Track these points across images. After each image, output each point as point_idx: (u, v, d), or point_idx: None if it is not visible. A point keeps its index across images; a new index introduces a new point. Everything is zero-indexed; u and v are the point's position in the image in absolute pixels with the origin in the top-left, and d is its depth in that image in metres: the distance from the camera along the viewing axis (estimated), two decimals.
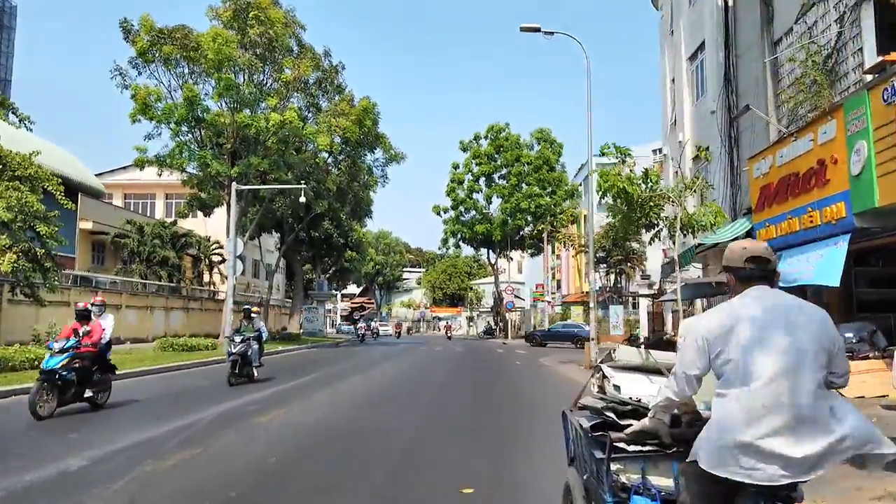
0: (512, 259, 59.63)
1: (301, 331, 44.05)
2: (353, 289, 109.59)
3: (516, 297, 57.91)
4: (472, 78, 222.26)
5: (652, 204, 11.05)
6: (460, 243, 54.04)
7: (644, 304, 25.86)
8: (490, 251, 54.44)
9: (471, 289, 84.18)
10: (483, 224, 50.64)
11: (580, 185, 54.03)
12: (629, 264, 46.82)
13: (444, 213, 53.61)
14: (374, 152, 36.02)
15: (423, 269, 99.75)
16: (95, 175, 53.51)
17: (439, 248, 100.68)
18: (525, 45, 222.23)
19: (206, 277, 45.73)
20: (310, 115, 31.30)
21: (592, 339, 18.43)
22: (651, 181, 11.25)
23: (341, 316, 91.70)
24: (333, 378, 15.15)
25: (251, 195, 31.43)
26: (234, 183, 25.02)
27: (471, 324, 79.00)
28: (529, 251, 54.60)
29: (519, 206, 48.82)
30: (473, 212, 52.44)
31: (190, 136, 28.23)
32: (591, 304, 19.64)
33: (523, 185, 50.07)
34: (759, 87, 16.03)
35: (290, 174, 29.36)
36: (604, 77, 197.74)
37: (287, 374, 15.88)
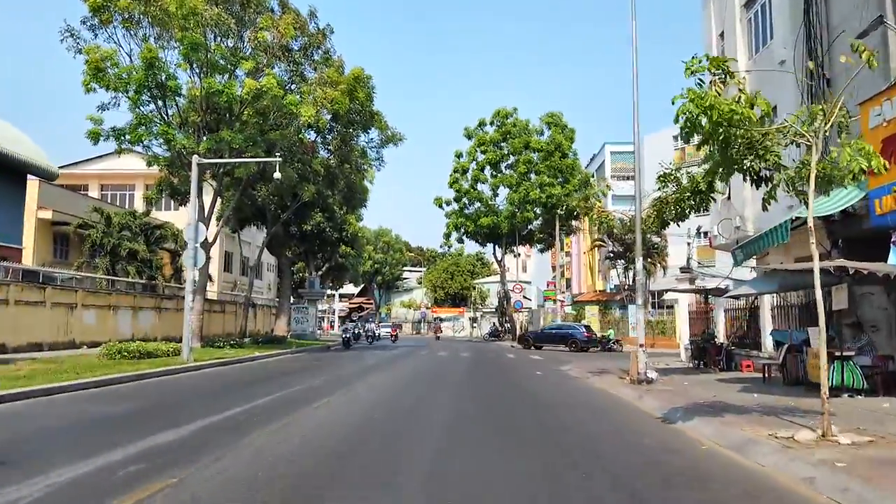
0: (520, 255, 55.62)
1: (289, 333, 40.05)
2: (350, 288, 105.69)
3: (524, 297, 53.90)
4: (479, 64, 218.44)
5: (769, 143, 7.12)
6: (464, 238, 49.98)
7: (685, 301, 21.82)
8: (496, 246, 50.39)
9: (474, 288, 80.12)
10: (489, 216, 46.56)
11: (593, 175, 49.98)
12: (650, 259, 42.77)
13: (447, 205, 49.63)
14: (368, 132, 32.01)
15: (425, 269, 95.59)
16: (69, 164, 49.81)
17: (441, 247, 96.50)
18: (535, 30, 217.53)
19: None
20: (294, 86, 27.23)
21: (641, 346, 14.38)
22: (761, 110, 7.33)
23: (339, 317, 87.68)
24: (262, 418, 9.24)
25: (225, 176, 27.43)
26: (195, 155, 20.98)
27: (474, 325, 74.98)
28: (539, 246, 50.52)
29: (528, 197, 44.75)
30: (478, 204, 48.37)
31: (152, 106, 24.21)
32: (639, 301, 15.49)
33: (532, 174, 46.00)
34: (868, 8, 11.99)
35: (275, 155, 25.49)
36: (613, 61, 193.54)
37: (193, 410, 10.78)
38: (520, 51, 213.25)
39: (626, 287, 43.72)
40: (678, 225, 16.78)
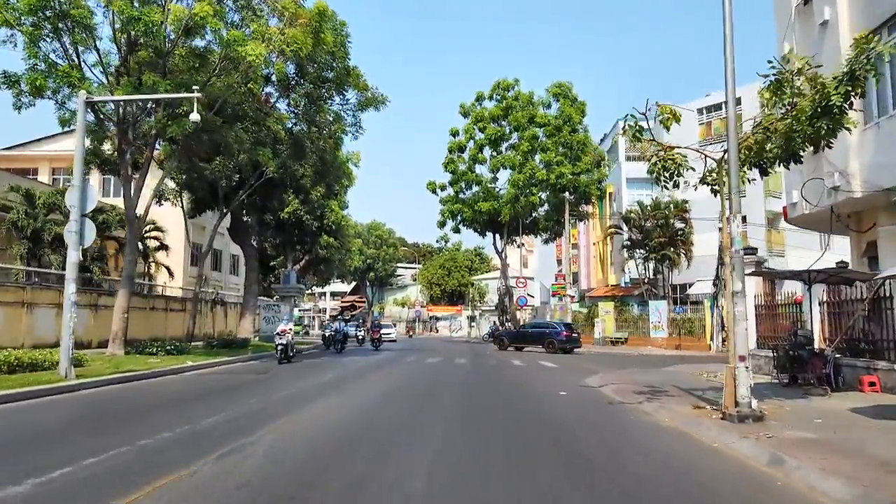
0: (522, 245, 50.12)
1: (256, 334, 34.56)
2: (341, 286, 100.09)
3: (527, 294, 48.32)
4: (480, 42, 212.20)
5: None
6: (461, 227, 44.37)
7: (752, 289, 16.37)
8: (496, 237, 44.80)
9: (472, 284, 74.63)
10: (488, 201, 40.97)
11: (606, 154, 44.48)
12: (673, 249, 37.31)
13: (441, 190, 44.05)
14: (344, 93, 26.43)
15: (420, 265, 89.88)
16: (16, 146, 44.22)
17: (438, 241, 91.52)
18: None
19: (141, 268, 36.36)
20: (248, 30, 21.64)
21: (741, 361, 8.82)
22: None
23: (330, 316, 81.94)
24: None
25: (167, 141, 21.95)
26: (82, 91, 15.47)
27: (472, 324, 69.50)
28: (544, 236, 44.91)
29: (533, 178, 39.20)
30: (476, 188, 42.82)
31: (55, 41, 18.65)
32: (734, 286, 9.64)
33: (538, 153, 40.43)
34: None
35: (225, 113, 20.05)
36: (618, 28, 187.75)
37: None
38: (523, 25, 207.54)
39: (645, 280, 38.25)
40: (776, 170, 11.42)
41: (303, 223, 42.68)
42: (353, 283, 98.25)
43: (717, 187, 11.01)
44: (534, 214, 42.95)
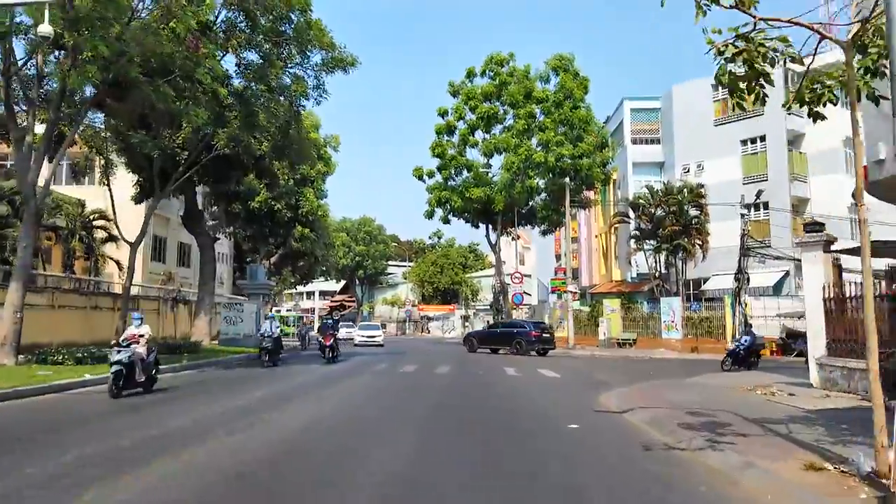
0: (517, 238, 46.01)
1: (211, 337, 30.36)
2: (330, 286, 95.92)
3: (524, 292, 44.08)
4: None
5: None
6: (450, 217, 40.13)
7: (816, 281, 12.17)
8: (489, 228, 40.60)
9: (465, 282, 70.58)
10: (480, 188, 36.77)
11: (610, 136, 40.36)
12: (687, 239, 33.23)
13: (429, 177, 39.86)
14: (308, 54, 22.24)
15: (413, 263, 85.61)
16: None
17: (430, 238, 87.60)
18: None
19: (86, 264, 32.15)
20: None
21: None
22: None
23: (320, 316, 77.73)
24: None
25: (77, 102, 17.77)
26: None
27: (466, 324, 65.40)
28: (542, 227, 40.68)
29: (529, 160, 35.00)
30: (467, 173, 38.64)
31: None
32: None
33: (534, 135, 36.26)
34: None
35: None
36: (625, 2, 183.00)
37: None
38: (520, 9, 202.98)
39: (656, 274, 34.14)
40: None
41: (274, 213, 38.49)
42: (343, 283, 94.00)
43: (821, 104, 6.81)
44: (531, 203, 38.74)
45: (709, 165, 37.04)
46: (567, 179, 35.31)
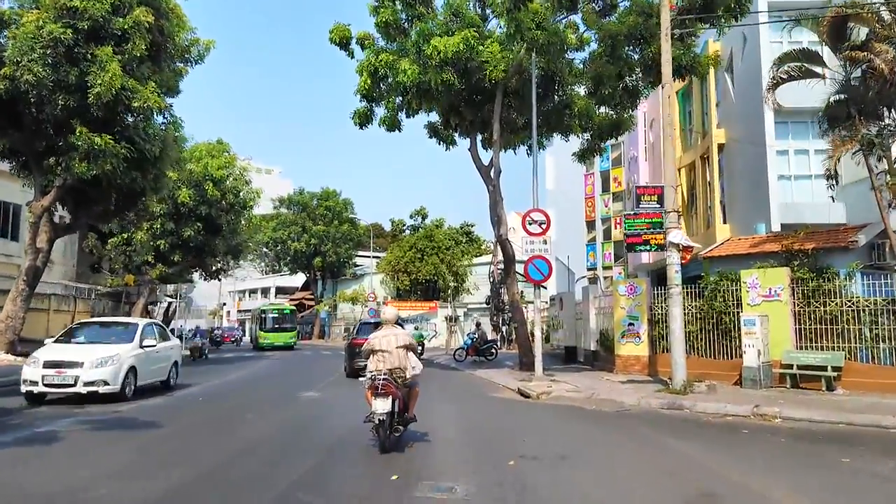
0: (544, 147, 26.64)
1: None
2: (290, 280, 76.41)
3: (546, 258, 22.90)
4: None
5: None
6: (401, 116, 20.72)
7: None
8: (475, 142, 21.41)
9: (446, 264, 51.81)
10: (464, 44, 17.50)
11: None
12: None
13: (363, 46, 20.54)
14: None
15: (386, 251, 65.22)
16: None
17: (412, 217, 67.80)
18: None
19: None
20: None
21: None
22: None
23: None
24: None
25: None
26: None
27: (454, 328, 46.39)
28: (585, 136, 21.45)
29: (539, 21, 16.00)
30: (435, 27, 19.29)
31: None
32: None
33: None
34: None
35: None
36: None
37: None
38: None
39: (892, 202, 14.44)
40: None
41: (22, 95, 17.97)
42: (304, 280, 74.20)
43: None
44: (561, 94, 19.59)
45: None
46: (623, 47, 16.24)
